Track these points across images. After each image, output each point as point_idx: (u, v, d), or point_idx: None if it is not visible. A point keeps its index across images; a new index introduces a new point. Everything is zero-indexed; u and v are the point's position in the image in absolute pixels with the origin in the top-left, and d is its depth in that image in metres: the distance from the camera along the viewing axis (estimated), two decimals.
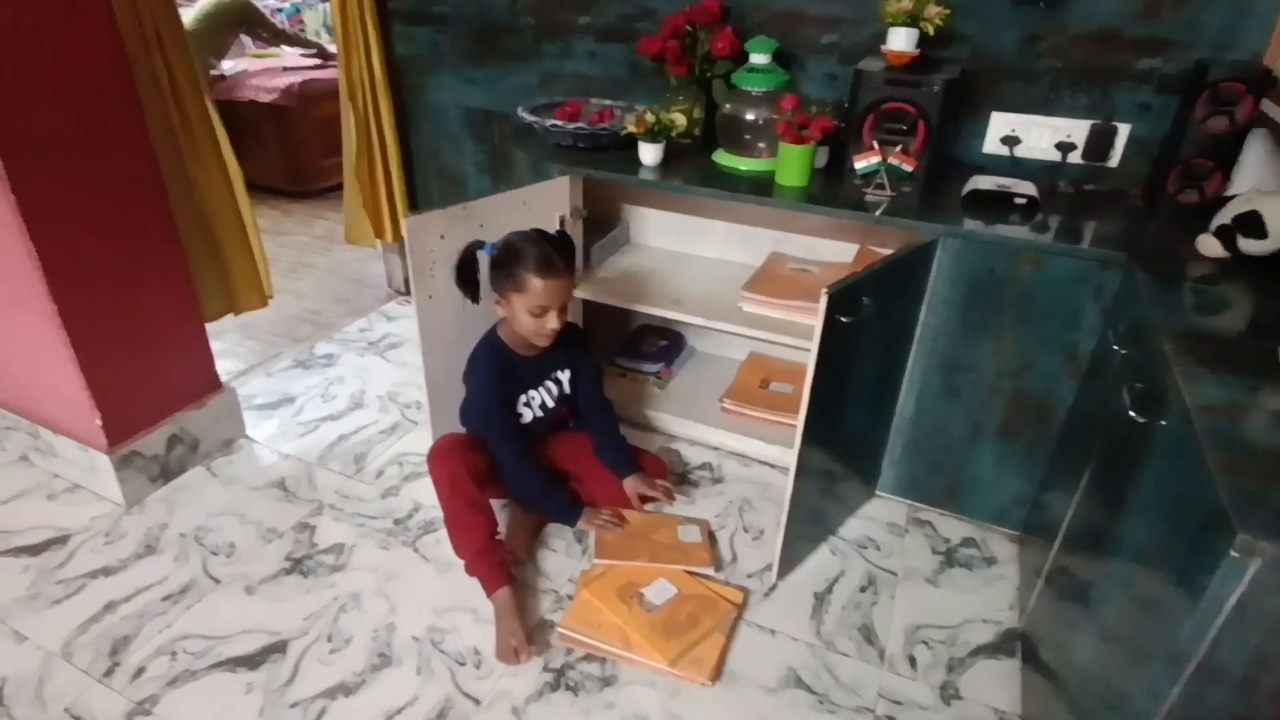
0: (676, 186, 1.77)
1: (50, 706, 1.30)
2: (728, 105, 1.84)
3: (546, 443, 1.76)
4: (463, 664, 1.41)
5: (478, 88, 2.31)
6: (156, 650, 1.41)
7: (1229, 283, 1.27)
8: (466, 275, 1.57)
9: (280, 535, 1.69)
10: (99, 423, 1.66)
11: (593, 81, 2.15)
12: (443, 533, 1.68)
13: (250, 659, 1.40)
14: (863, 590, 1.61)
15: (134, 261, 1.66)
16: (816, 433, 1.46)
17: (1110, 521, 1.09)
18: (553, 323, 1.53)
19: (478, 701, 1.34)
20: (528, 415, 1.68)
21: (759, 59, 1.79)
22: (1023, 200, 1.59)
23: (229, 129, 1.91)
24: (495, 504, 1.62)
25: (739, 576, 1.63)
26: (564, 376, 1.72)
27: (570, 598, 1.55)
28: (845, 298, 1.32)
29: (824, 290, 1.27)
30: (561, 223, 1.86)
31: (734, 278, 2.00)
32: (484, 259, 1.56)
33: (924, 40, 1.63)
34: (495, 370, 1.60)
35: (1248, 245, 1.27)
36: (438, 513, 1.72)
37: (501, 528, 1.61)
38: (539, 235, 1.53)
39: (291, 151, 3.74)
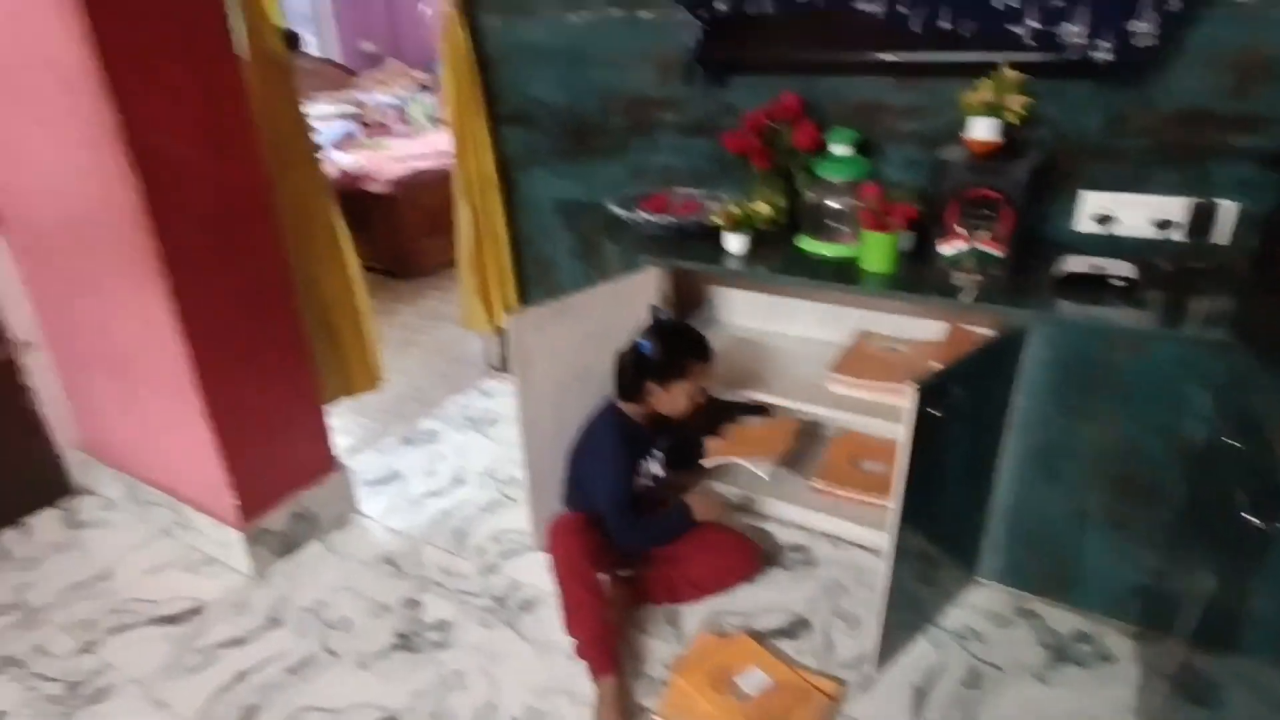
0: (763, 275, 1.84)
1: None
2: (810, 194, 1.90)
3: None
4: None
5: (570, 181, 2.47)
6: None
7: None
8: (628, 376, 1.73)
9: (390, 611, 1.79)
10: (234, 502, 1.83)
11: (678, 172, 2.26)
12: (541, 612, 1.75)
13: None
14: (966, 686, 1.56)
15: (266, 357, 1.84)
16: (910, 520, 1.45)
17: (1237, 622, 1.04)
18: (700, 397, 1.75)
19: None
20: (639, 484, 1.77)
21: (839, 149, 1.85)
22: (1120, 282, 1.56)
23: (346, 222, 2.12)
24: None
25: (833, 666, 1.61)
26: (666, 443, 1.83)
27: (664, 683, 1.57)
28: (934, 391, 1.33)
29: (912, 384, 1.29)
30: (654, 311, 1.94)
31: (821, 357, 2.02)
32: (650, 350, 1.70)
33: (1006, 125, 1.66)
34: (622, 442, 1.72)
35: None
36: (535, 591, 1.80)
37: None
38: (673, 324, 1.77)
39: (399, 236, 4.03)
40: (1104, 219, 1.74)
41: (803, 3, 1.80)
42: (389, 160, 4.23)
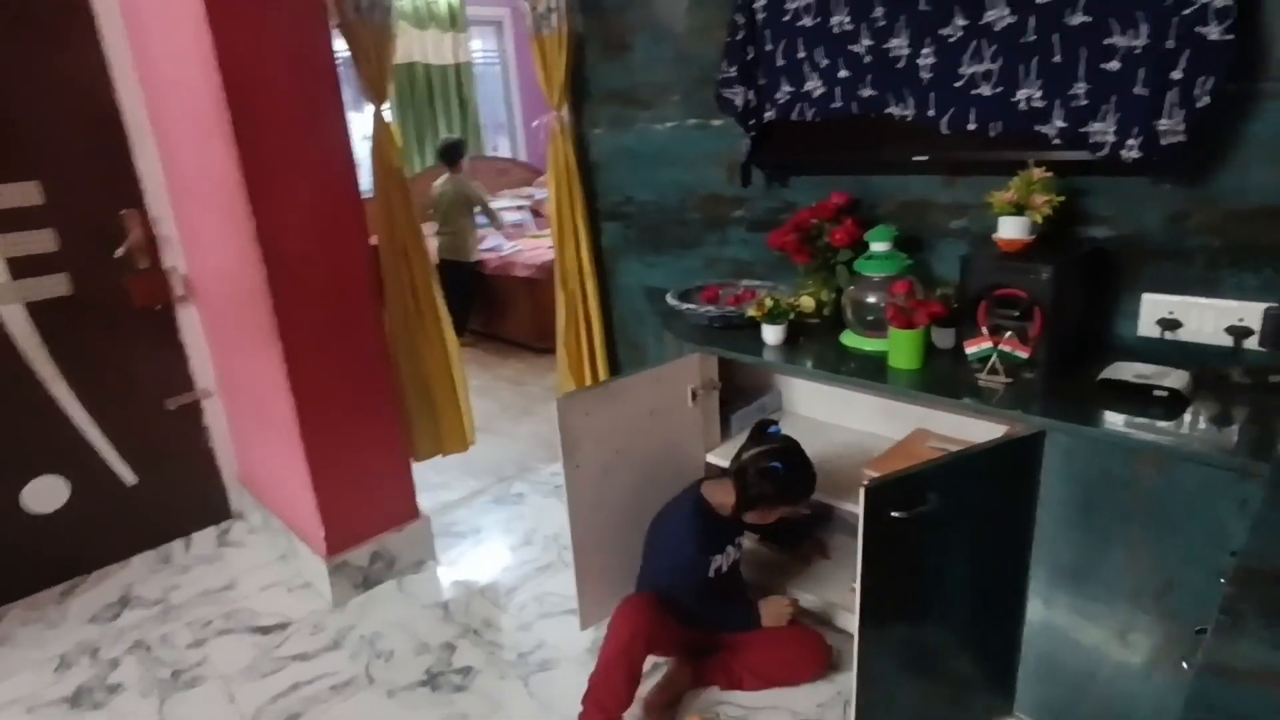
0: (785, 366, 1.87)
1: None
2: (851, 289, 1.92)
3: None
4: None
5: (656, 270, 2.66)
6: None
7: None
8: (766, 491, 1.71)
9: (429, 650, 1.98)
10: (323, 534, 2.15)
11: (747, 265, 2.37)
12: (554, 673, 1.85)
13: None
14: None
15: (361, 415, 2.18)
16: (890, 629, 1.39)
17: None
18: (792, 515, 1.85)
19: None
20: (710, 571, 1.79)
21: (879, 247, 1.86)
22: (1163, 393, 1.42)
23: (498, 299, 2.45)
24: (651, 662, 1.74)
25: None
26: (740, 539, 1.86)
27: None
28: (894, 490, 1.30)
29: (863, 484, 1.27)
30: (694, 395, 2.04)
31: (874, 450, 1.98)
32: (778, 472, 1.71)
33: (1051, 221, 1.59)
34: (706, 530, 1.76)
35: None
36: (556, 654, 1.91)
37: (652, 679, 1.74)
38: (797, 451, 1.76)
39: (541, 315, 4.45)
40: (1169, 324, 1.58)
41: (839, 109, 1.87)
42: (545, 249, 4.73)
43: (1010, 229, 1.59)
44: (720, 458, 2.11)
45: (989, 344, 1.59)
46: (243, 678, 1.93)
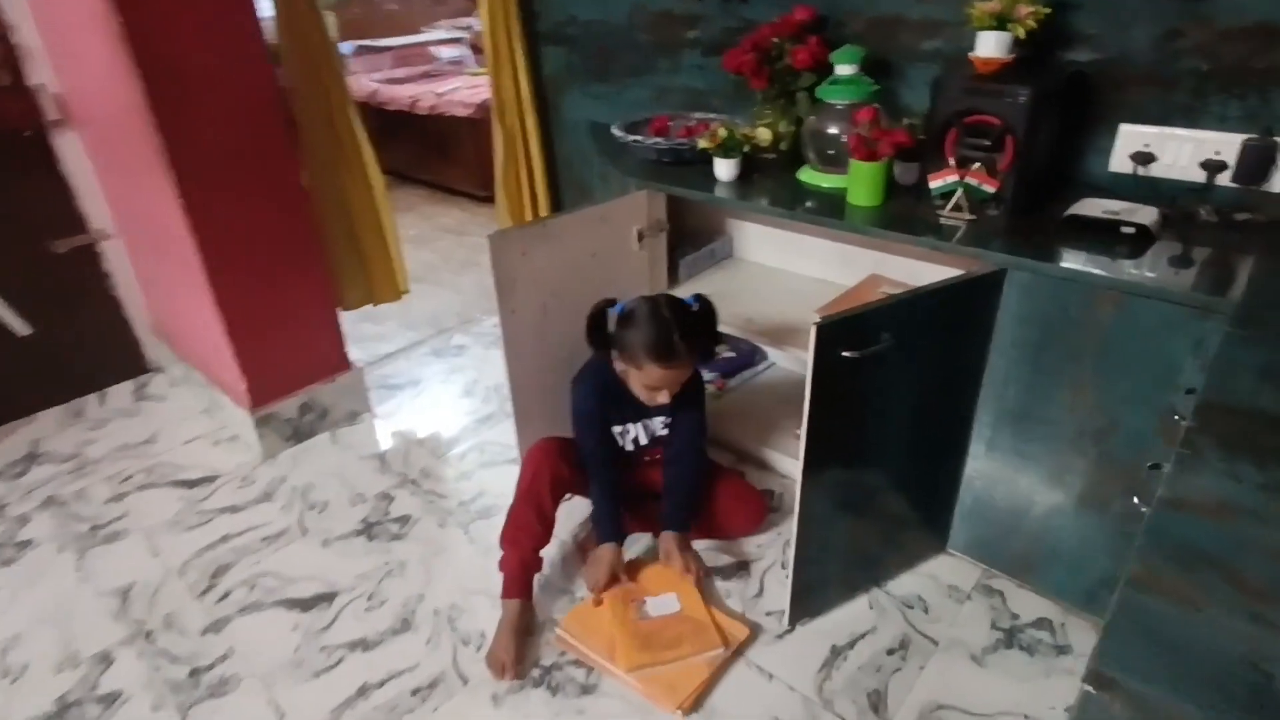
0: (737, 203, 1.74)
1: (154, 613, 1.62)
2: (812, 119, 1.75)
3: (650, 465, 1.76)
4: (467, 644, 1.52)
5: (602, 103, 2.42)
6: (242, 581, 1.69)
7: None
8: (595, 334, 1.56)
9: (365, 501, 1.93)
10: (244, 387, 2.02)
11: (701, 95, 2.16)
12: (495, 519, 1.81)
13: (304, 602, 1.63)
14: (890, 653, 1.46)
15: (280, 256, 1.98)
16: (833, 471, 1.36)
17: None
18: (663, 399, 1.53)
19: (466, 681, 1.44)
20: (619, 445, 1.70)
21: (844, 70, 1.68)
22: (1130, 230, 1.34)
23: (437, 142, 2.19)
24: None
25: (758, 612, 1.56)
26: (663, 419, 1.69)
27: (581, 599, 1.59)
28: (846, 329, 1.22)
29: (814, 321, 1.19)
30: (640, 237, 1.90)
31: (824, 299, 1.90)
32: (613, 317, 1.54)
33: (1032, 42, 1.44)
34: (599, 389, 1.62)
35: None
36: (496, 500, 1.87)
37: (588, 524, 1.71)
38: (669, 311, 1.49)
39: (484, 159, 4.13)
40: (1143, 158, 1.48)
41: None
42: (485, 86, 4.32)
43: (989, 45, 1.43)
44: None
45: (954, 177, 1.47)
46: (167, 531, 1.85)
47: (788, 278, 2.13)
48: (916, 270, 1.90)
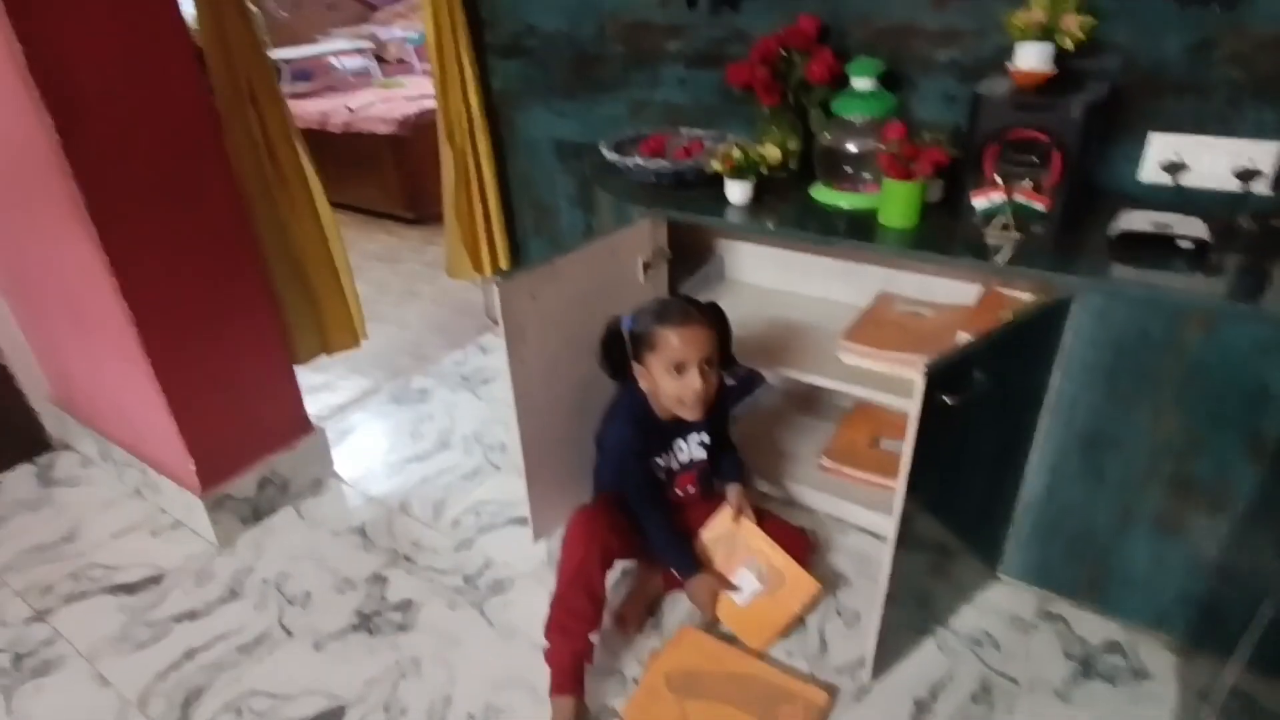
0: (764, 229, 1.61)
1: None
2: (826, 135, 1.66)
3: (691, 511, 1.64)
4: None
5: (568, 120, 2.24)
6: (224, 705, 1.42)
7: None
8: (612, 351, 1.52)
9: (354, 587, 1.67)
10: (192, 467, 1.72)
11: (683, 110, 2.02)
12: (511, 594, 1.62)
13: None
14: (975, 700, 1.38)
15: (224, 311, 1.70)
16: (919, 510, 1.26)
17: None
18: (695, 381, 1.41)
19: None
20: (662, 475, 1.59)
21: (861, 84, 1.59)
22: (1188, 244, 1.30)
23: (354, 161, 1.95)
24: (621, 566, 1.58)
25: (828, 671, 1.44)
26: (698, 437, 1.60)
27: (635, 681, 1.42)
28: (948, 374, 1.11)
29: (921, 365, 1.08)
30: (645, 268, 1.74)
31: (835, 321, 1.80)
32: (625, 326, 1.50)
33: (1061, 54, 1.39)
34: (634, 419, 1.52)
35: None
36: (509, 571, 1.68)
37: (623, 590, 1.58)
38: (678, 296, 1.53)
39: (409, 179, 3.84)
40: (1174, 167, 1.46)
41: None
42: (403, 99, 4.02)
43: (1031, 58, 1.37)
44: None
45: (1001, 195, 1.41)
46: (113, 652, 1.54)
47: (789, 298, 2.02)
48: (928, 286, 1.84)
